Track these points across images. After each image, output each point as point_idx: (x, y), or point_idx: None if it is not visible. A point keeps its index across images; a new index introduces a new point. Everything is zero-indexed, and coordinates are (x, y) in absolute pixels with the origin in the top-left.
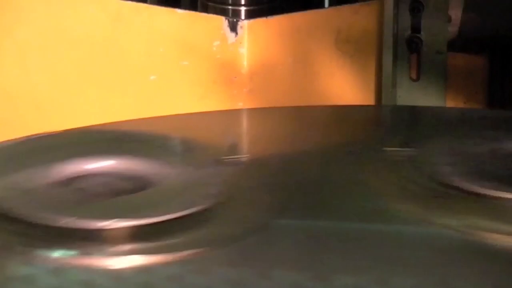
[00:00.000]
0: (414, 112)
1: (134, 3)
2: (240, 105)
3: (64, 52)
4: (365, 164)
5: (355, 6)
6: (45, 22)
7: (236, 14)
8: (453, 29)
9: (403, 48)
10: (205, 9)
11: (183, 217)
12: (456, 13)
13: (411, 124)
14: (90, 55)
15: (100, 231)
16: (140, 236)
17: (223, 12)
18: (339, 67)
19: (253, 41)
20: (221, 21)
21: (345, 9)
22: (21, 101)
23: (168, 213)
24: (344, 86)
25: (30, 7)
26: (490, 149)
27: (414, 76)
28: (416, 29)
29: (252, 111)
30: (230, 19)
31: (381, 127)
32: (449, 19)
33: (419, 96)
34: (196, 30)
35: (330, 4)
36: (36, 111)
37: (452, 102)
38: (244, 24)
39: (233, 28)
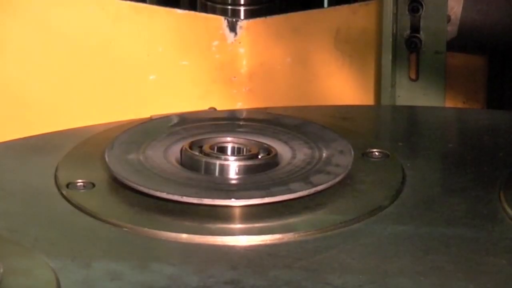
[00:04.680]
0: None
1: (134, 3)
2: (239, 105)
3: (63, 52)
4: None
5: (354, 6)
6: (44, 22)
7: (235, 14)
8: (452, 28)
9: (402, 48)
10: (204, 9)
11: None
12: (455, 13)
13: None
14: (90, 55)
15: (223, 208)
16: (261, 215)
17: (222, 12)
18: (338, 67)
19: (252, 41)
20: (220, 21)
21: (344, 9)
22: (21, 101)
23: (290, 193)
24: (343, 86)
25: (29, 7)
26: None
27: (413, 76)
28: (415, 29)
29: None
30: (229, 19)
31: None
32: (449, 19)
33: (418, 96)
34: (196, 30)
35: (329, 4)
36: (36, 111)
37: (451, 102)
38: (243, 24)
39: (232, 28)
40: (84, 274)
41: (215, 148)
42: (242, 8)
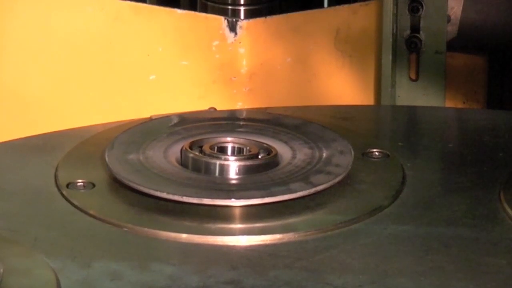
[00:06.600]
0: None
1: (134, 3)
2: (239, 105)
3: (64, 52)
4: None
5: (354, 6)
6: (44, 22)
7: (236, 14)
8: (452, 28)
9: (402, 48)
10: (205, 9)
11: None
12: (455, 13)
13: None
14: (90, 55)
15: (223, 208)
16: (262, 215)
17: (222, 12)
18: (338, 67)
19: (252, 41)
20: (221, 21)
21: (344, 9)
22: (21, 101)
23: (290, 193)
24: (343, 86)
25: (29, 7)
26: None
27: (413, 76)
28: (415, 29)
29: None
30: (230, 19)
31: None
32: (449, 19)
33: (418, 96)
34: (196, 30)
35: (329, 4)
36: (36, 111)
37: (451, 102)
38: (243, 24)
39: (233, 28)
40: (84, 274)
41: (215, 148)
42: (242, 8)
